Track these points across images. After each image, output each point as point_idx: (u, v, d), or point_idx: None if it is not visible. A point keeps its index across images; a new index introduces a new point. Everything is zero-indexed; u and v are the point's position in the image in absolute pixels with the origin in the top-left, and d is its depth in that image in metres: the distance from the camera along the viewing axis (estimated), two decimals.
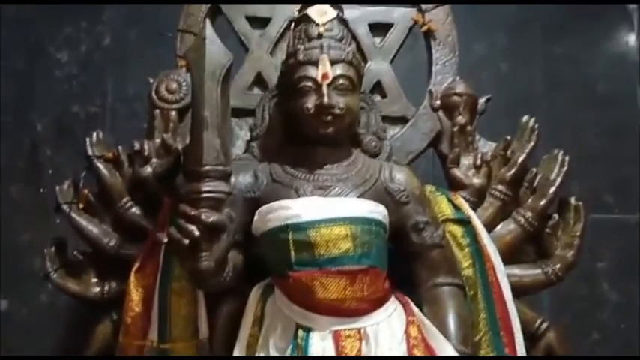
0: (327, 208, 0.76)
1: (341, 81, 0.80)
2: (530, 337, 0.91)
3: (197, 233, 0.70)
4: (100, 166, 0.91)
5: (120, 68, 1.48)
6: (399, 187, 0.82)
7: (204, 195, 0.72)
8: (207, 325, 0.84)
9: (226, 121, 0.77)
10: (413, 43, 1.07)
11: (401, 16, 1.01)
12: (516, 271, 0.92)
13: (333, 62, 0.80)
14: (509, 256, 0.92)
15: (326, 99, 0.78)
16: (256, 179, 0.83)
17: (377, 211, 0.79)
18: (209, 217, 0.71)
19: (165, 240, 0.73)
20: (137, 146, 0.90)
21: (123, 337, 0.82)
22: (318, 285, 0.74)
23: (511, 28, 1.51)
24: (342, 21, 0.88)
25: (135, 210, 0.91)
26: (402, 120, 0.99)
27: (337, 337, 0.73)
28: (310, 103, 0.79)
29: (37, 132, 1.46)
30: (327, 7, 0.85)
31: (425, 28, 0.99)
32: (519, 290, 0.92)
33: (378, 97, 0.99)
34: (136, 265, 0.84)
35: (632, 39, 1.52)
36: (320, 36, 0.82)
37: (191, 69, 0.77)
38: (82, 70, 1.48)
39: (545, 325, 0.92)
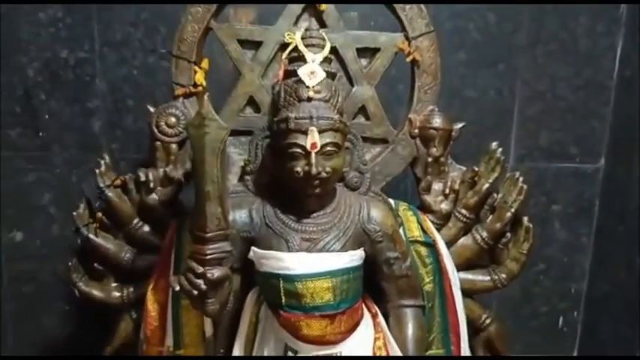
0: (313, 264, 0.91)
1: (328, 148, 0.89)
2: (475, 330, 1.13)
3: (204, 287, 0.85)
4: (111, 194, 1.02)
5: (105, 12, 1.47)
6: (375, 227, 0.96)
7: (209, 256, 0.86)
8: (211, 325, 1.03)
9: (225, 187, 0.87)
10: (398, 66, 1.12)
11: (387, 41, 1.05)
12: (470, 277, 1.11)
13: (320, 131, 0.88)
14: (466, 266, 1.10)
15: (314, 169, 0.88)
16: (252, 220, 0.95)
17: (355, 257, 0.94)
18: (213, 274, 0.86)
19: (177, 288, 0.88)
20: (143, 177, 1.00)
21: (145, 346, 1.01)
22: (303, 325, 0.92)
23: None
24: (329, 60, 0.94)
25: (145, 228, 1.05)
26: (383, 141, 1.08)
27: None
28: (299, 167, 0.89)
29: (29, 77, 1.50)
30: (316, 66, 0.90)
31: (410, 58, 1.03)
32: (471, 292, 1.12)
33: (362, 120, 1.08)
34: (152, 285, 1.01)
35: None
36: (309, 99, 0.89)
37: (192, 143, 0.85)
38: (66, 12, 1.47)
39: (488, 321, 1.13)
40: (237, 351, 1.01)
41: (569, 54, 1.55)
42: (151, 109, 1.05)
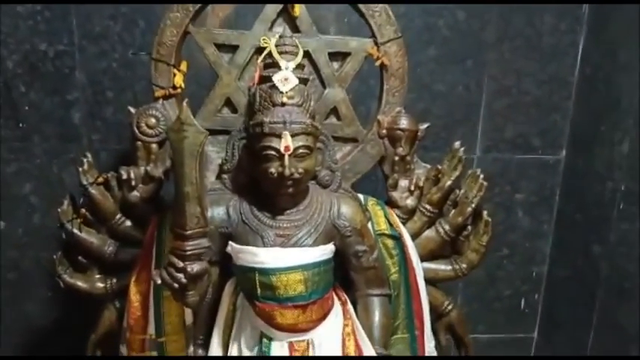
0: (286, 259, 0.98)
1: (300, 150, 0.95)
2: (437, 316, 1.22)
3: (184, 281, 0.92)
4: (94, 192, 1.07)
5: (83, 5, 1.49)
6: (344, 223, 1.03)
7: (189, 252, 0.92)
8: (191, 314, 1.10)
9: (203, 187, 0.93)
10: (367, 70, 1.18)
11: (358, 46, 1.11)
12: (433, 266, 1.19)
13: (293, 135, 0.94)
14: (430, 257, 1.18)
15: (287, 171, 0.94)
16: (229, 217, 1.02)
17: (326, 251, 1.02)
18: (193, 268, 0.92)
19: (159, 281, 0.94)
20: (124, 175, 1.06)
21: (129, 334, 1.08)
22: (277, 314, 0.99)
23: None
24: (302, 66, 1.00)
25: (127, 223, 1.10)
26: (353, 140, 1.15)
27: (291, 346, 1.01)
28: (274, 169, 0.95)
29: (8, 70, 1.52)
30: (289, 73, 0.96)
31: (378, 62, 1.09)
32: (435, 281, 1.20)
33: (334, 120, 1.14)
34: (134, 277, 1.07)
35: None
36: (283, 104, 0.95)
37: (172, 146, 0.90)
38: (44, 6, 1.49)
39: (450, 307, 1.22)
40: (215, 338, 1.08)
41: (534, 51, 1.62)
42: (132, 110, 1.09)
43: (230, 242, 1.02)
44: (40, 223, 1.62)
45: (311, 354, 1.01)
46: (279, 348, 1.01)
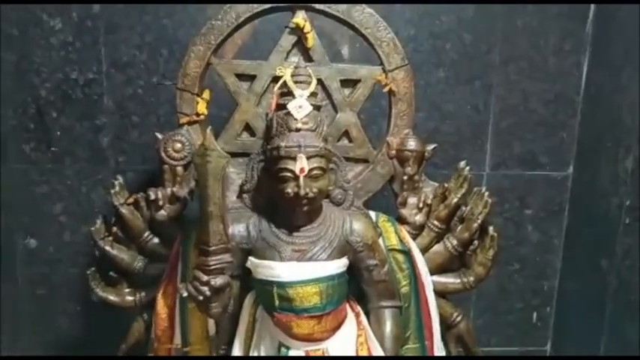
0: (302, 272, 1.06)
1: (314, 172, 1.04)
2: (447, 327, 1.28)
3: (208, 293, 1.00)
4: (124, 211, 1.17)
5: (111, 36, 1.60)
6: (357, 239, 1.11)
7: (212, 267, 1.00)
8: (214, 325, 1.18)
9: (225, 206, 1.02)
10: (379, 92, 1.26)
11: (367, 73, 1.20)
12: (442, 279, 1.26)
13: (308, 157, 1.02)
14: (439, 270, 1.25)
15: (302, 191, 1.02)
16: (249, 234, 1.10)
17: (340, 265, 1.09)
18: (216, 282, 1.00)
19: (185, 294, 1.02)
20: (152, 196, 1.15)
21: (156, 344, 1.17)
22: (294, 324, 1.07)
23: (477, 3, 1.64)
24: (315, 94, 1.09)
25: (155, 240, 1.20)
26: (364, 161, 1.23)
27: (307, 354, 1.08)
28: (290, 189, 1.03)
29: (42, 96, 1.64)
30: (303, 101, 1.05)
31: (387, 89, 1.18)
32: (444, 293, 1.27)
33: (346, 142, 1.23)
34: (161, 290, 1.16)
35: (585, 17, 1.66)
36: (298, 130, 1.04)
37: (197, 170, 0.99)
38: (75, 37, 1.61)
39: (459, 318, 1.29)
40: (236, 348, 1.16)
41: (539, 71, 1.70)
42: (159, 136, 1.19)
43: (250, 257, 1.10)
44: (69, 241, 1.73)
45: None
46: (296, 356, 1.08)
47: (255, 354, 1.13)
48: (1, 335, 1.73)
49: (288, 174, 1.03)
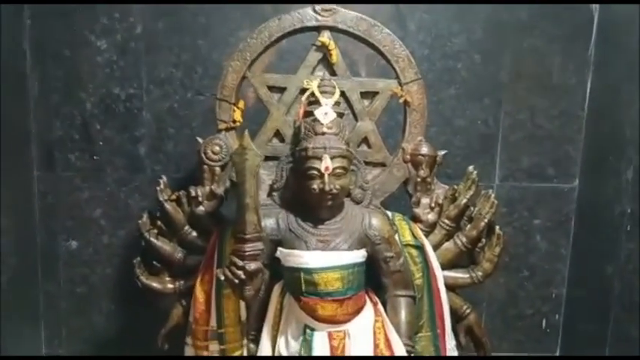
0: (326, 260, 1.21)
1: (337, 170, 1.20)
2: (457, 319, 1.42)
3: (243, 277, 1.15)
4: (168, 207, 1.34)
5: (151, 55, 1.79)
6: (374, 232, 1.26)
7: (247, 253, 1.16)
8: (245, 310, 1.32)
9: (259, 200, 1.17)
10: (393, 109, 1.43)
11: (384, 86, 1.37)
12: (452, 274, 1.40)
13: (332, 158, 1.18)
14: (450, 265, 1.39)
15: (327, 187, 1.18)
16: (278, 227, 1.26)
17: (359, 255, 1.24)
18: (250, 266, 1.16)
19: (223, 278, 1.17)
20: (193, 193, 1.31)
21: (194, 326, 1.32)
22: (319, 307, 1.21)
23: (486, 25, 1.80)
24: (338, 103, 1.25)
25: (193, 234, 1.36)
26: (381, 165, 1.39)
27: (330, 335, 1.23)
28: (316, 185, 1.19)
29: (87, 110, 1.81)
30: (328, 108, 1.21)
31: (402, 99, 1.34)
32: (454, 287, 1.41)
33: (365, 148, 1.39)
34: (199, 278, 1.31)
35: (588, 39, 1.82)
36: (323, 133, 1.20)
37: (235, 168, 1.15)
38: (119, 56, 1.79)
39: (468, 311, 1.42)
40: (265, 332, 1.30)
41: (545, 89, 1.85)
42: (200, 140, 1.35)
43: (279, 248, 1.25)
44: (107, 243, 1.89)
45: (347, 343, 1.23)
46: (320, 337, 1.23)
47: (283, 337, 1.28)
48: (43, 330, 1.89)
49: (315, 172, 1.19)
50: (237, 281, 1.16)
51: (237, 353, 1.32)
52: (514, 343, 2.00)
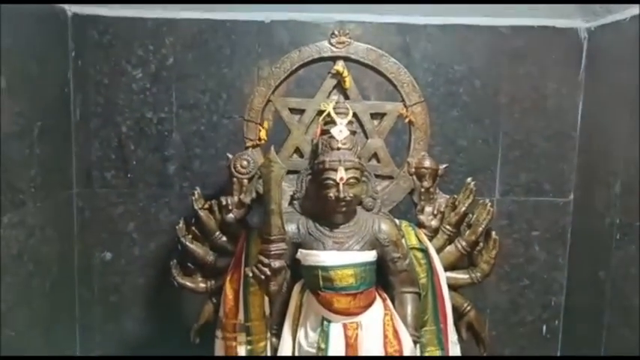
0: (341, 258, 1.40)
1: (351, 180, 1.39)
2: (459, 316, 1.59)
3: (269, 273, 1.34)
4: (202, 214, 1.54)
5: (181, 82, 2.00)
6: (383, 236, 1.45)
7: (273, 252, 1.35)
8: (269, 306, 1.51)
9: (282, 207, 1.36)
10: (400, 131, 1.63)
11: (391, 108, 1.58)
12: (454, 275, 1.59)
13: (346, 169, 1.38)
14: (451, 267, 1.57)
15: (342, 194, 1.37)
16: (299, 231, 1.45)
17: (370, 255, 1.43)
18: (275, 264, 1.35)
19: (250, 275, 1.36)
20: (224, 202, 1.51)
21: (224, 320, 1.51)
22: (335, 301, 1.40)
23: (485, 54, 2.01)
24: (351, 122, 1.46)
25: (224, 239, 1.56)
26: (389, 177, 1.58)
27: (345, 326, 1.41)
28: (332, 194, 1.39)
29: (122, 132, 2.03)
30: (343, 127, 1.42)
31: (407, 119, 1.55)
32: (455, 287, 1.59)
33: (375, 162, 1.59)
34: (229, 277, 1.50)
35: (579, 66, 2.01)
36: (339, 149, 1.40)
37: (263, 178, 1.35)
38: (152, 84, 2.01)
39: (468, 308, 1.60)
40: (286, 326, 1.49)
41: (540, 111, 2.05)
42: (230, 156, 1.56)
43: (300, 250, 1.44)
44: (138, 255, 2.08)
45: (359, 333, 1.40)
46: (336, 327, 1.41)
47: (302, 330, 1.46)
48: (78, 334, 2.07)
49: (331, 182, 1.39)
50: (263, 277, 1.35)
51: (261, 344, 1.50)
52: (517, 348, 2.16)
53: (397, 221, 1.54)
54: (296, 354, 1.46)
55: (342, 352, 1.39)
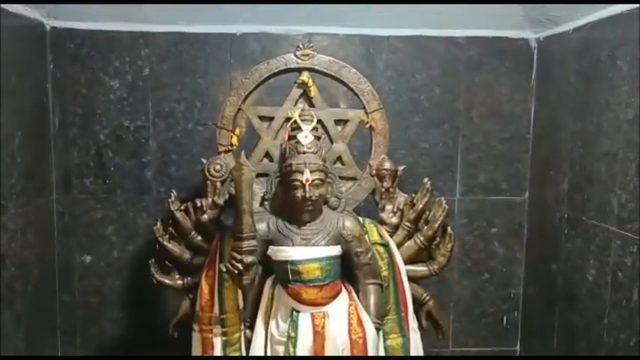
0: (308, 253, 1.54)
1: (316, 181, 1.54)
2: (419, 305, 1.74)
3: (241, 268, 1.48)
4: (178, 215, 1.67)
5: (157, 92, 2.12)
6: (347, 232, 1.59)
7: (244, 249, 1.48)
8: (242, 300, 1.64)
9: (252, 207, 1.50)
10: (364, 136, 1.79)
11: (354, 115, 1.73)
12: (413, 267, 1.75)
13: (311, 171, 1.52)
14: (411, 261, 1.72)
15: (308, 194, 1.52)
16: (269, 229, 1.59)
17: (335, 250, 1.58)
18: (247, 259, 1.48)
19: (224, 270, 1.49)
20: (198, 203, 1.65)
21: (200, 313, 1.63)
22: (303, 292, 1.54)
23: (443, 63, 2.17)
24: (316, 128, 1.60)
25: (199, 238, 1.69)
26: (353, 178, 1.73)
27: (313, 316, 1.55)
28: (299, 194, 1.53)
29: (100, 140, 2.14)
30: (308, 132, 1.56)
31: (368, 125, 1.70)
32: (415, 278, 1.74)
33: (339, 165, 1.73)
34: (204, 273, 1.63)
35: (530, 73, 2.19)
36: (304, 152, 1.54)
37: (234, 181, 1.49)
38: (129, 94, 2.12)
39: (427, 298, 1.75)
40: (259, 318, 1.62)
41: (496, 116, 2.21)
42: (204, 160, 1.69)
43: (270, 246, 1.58)
44: (117, 257, 2.19)
45: (326, 322, 1.55)
46: (304, 317, 1.55)
47: (274, 321, 1.60)
48: (60, 336, 2.17)
49: (298, 183, 1.53)
50: (236, 272, 1.48)
51: (236, 335, 1.63)
52: (479, 339, 2.31)
53: (360, 219, 1.69)
54: (268, 344, 1.60)
55: (310, 340, 1.53)
